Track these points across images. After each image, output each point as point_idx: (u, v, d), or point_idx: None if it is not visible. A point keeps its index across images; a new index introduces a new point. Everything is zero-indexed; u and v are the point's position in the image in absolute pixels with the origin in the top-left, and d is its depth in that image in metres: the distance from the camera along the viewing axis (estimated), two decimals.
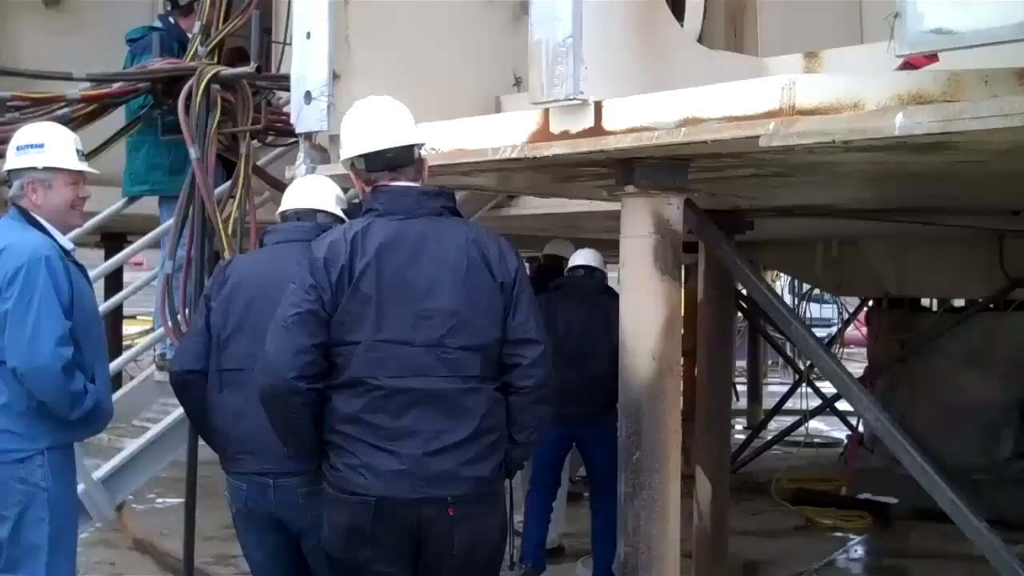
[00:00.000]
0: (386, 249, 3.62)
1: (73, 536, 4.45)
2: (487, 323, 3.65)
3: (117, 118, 6.26)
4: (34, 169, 4.33)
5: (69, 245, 4.41)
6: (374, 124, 3.73)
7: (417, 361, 3.61)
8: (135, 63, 6.30)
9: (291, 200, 4.40)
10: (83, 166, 4.45)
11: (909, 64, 3.21)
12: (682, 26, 4.61)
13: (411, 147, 3.74)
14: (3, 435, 4.20)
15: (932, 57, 3.09)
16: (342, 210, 4.39)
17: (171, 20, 6.72)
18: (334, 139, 4.58)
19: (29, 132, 4.45)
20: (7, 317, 4.14)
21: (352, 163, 3.78)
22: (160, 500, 9.73)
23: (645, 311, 3.88)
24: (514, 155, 3.83)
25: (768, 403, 14.76)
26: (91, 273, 6.31)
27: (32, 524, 4.22)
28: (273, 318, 3.64)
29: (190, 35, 6.19)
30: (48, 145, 4.36)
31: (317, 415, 3.65)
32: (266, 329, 3.66)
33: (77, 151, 4.43)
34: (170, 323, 5.67)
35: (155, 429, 5.97)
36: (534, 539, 7.09)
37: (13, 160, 4.36)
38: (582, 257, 7.01)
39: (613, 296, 6.43)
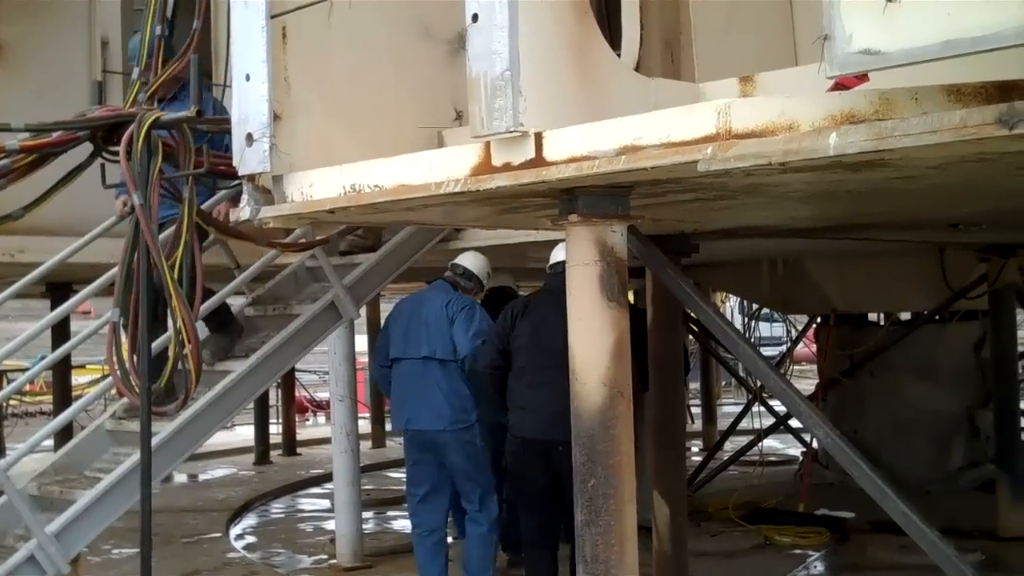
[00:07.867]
0: (541, 302, 6.92)
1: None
2: None
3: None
4: (479, 280, 7.60)
5: None
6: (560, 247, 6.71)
7: (543, 358, 6.47)
8: None
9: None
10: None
11: (841, 85, 3.26)
12: (619, 55, 4.65)
13: None
14: (456, 412, 7.17)
15: (862, 77, 3.13)
16: None
17: None
18: (277, 180, 4.56)
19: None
20: (456, 321, 7.17)
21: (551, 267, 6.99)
22: (116, 551, 9.63)
23: (593, 338, 3.89)
24: (457, 189, 3.82)
25: (723, 424, 14.84)
26: (37, 324, 6.29)
27: (479, 470, 7.32)
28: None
29: None
30: None
31: (500, 389, 6.90)
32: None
33: None
34: (118, 372, 5.56)
35: (108, 479, 5.90)
36: None
37: (484, 271, 7.62)
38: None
39: None
